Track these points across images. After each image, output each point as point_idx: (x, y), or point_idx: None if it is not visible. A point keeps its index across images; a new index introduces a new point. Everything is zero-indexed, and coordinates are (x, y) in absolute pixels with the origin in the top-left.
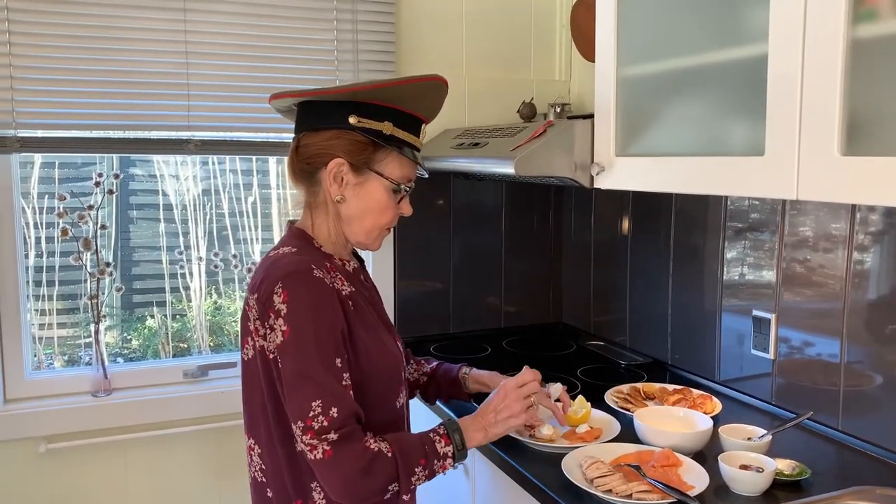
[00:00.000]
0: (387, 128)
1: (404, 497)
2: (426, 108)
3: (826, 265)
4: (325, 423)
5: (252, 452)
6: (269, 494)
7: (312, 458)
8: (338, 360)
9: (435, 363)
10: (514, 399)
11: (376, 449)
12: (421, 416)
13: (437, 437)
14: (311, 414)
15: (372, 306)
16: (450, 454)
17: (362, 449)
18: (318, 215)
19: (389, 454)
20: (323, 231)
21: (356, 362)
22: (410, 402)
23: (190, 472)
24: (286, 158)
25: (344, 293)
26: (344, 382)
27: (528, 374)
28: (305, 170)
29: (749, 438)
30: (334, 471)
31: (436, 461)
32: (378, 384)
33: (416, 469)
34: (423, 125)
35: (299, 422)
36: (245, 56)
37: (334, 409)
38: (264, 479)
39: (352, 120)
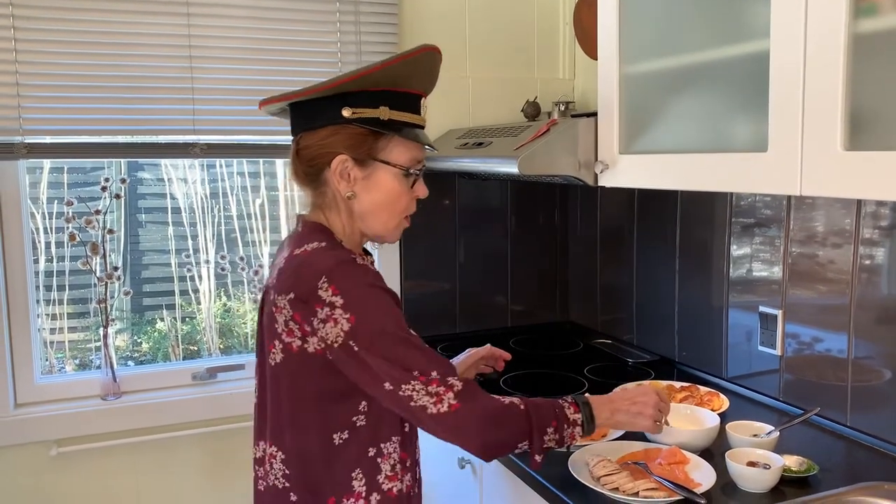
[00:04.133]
0: (383, 113)
1: (536, 458)
2: (421, 81)
3: (833, 260)
4: (440, 375)
5: (273, 460)
6: (294, 499)
7: (436, 411)
8: (411, 331)
9: None
10: (653, 404)
11: (507, 401)
12: None
13: (566, 404)
14: (419, 371)
15: None
16: (579, 422)
17: (490, 399)
18: (331, 214)
19: (522, 407)
20: (338, 229)
21: None
22: None
23: (199, 475)
24: (288, 161)
25: None
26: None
27: (669, 404)
28: (309, 172)
29: (756, 435)
30: (463, 421)
31: (566, 426)
32: None
33: (548, 429)
34: (423, 99)
35: (410, 380)
36: (249, 59)
37: (437, 368)
38: (287, 485)
39: (345, 113)
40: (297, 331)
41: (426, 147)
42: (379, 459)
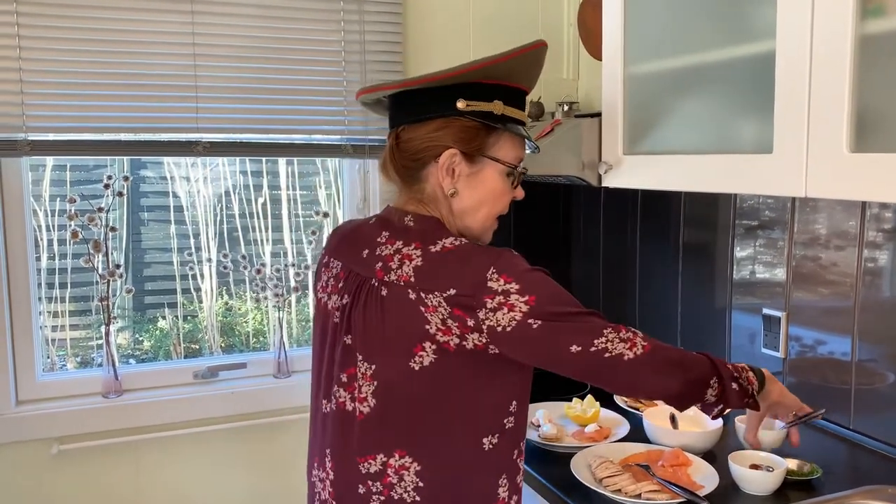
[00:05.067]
0: (497, 107)
1: (734, 386)
2: (530, 77)
3: (837, 263)
4: (621, 326)
5: (404, 472)
6: None
7: (633, 355)
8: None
9: None
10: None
11: (682, 349)
12: None
13: (725, 361)
14: (604, 327)
15: None
16: (747, 368)
17: (670, 346)
18: (433, 210)
19: (697, 354)
20: None
21: None
22: None
23: (201, 473)
24: (382, 157)
25: None
26: None
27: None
28: (410, 166)
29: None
30: (653, 363)
31: (739, 372)
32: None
33: (728, 366)
34: (527, 96)
35: (601, 335)
36: (252, 58)
37: (615, 323)
38: (418, 499)
39: (460, 104)
40: (456, 328)
41: (529, 146)
42: (519, 460)
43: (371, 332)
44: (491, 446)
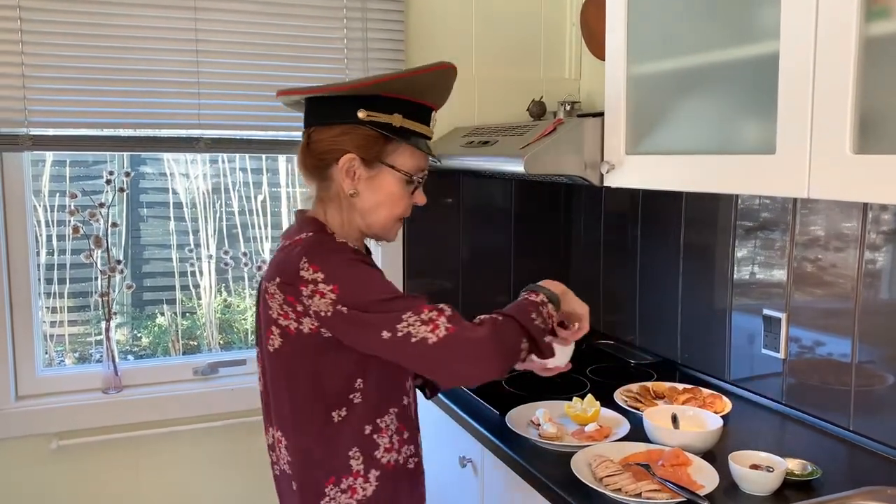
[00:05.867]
0: (396, 120)
1: (546, 339)
2: (435, 95)
3: (837, 264)
4: (428, 303)
5: (280, 445)
6: (294, 487)
7: (436, 338)
8: (397, 288)
9: None
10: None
11: (486, 317)
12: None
13: (524, 296)
14: (408, 310)
15: None
16: (546, 300)
17: (476, 323)
18: (331, 208)
19: (501, 317)
20: (336, 222)
21: None
22: None
23: (200, 469)
24: (296, 153)
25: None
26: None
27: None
28: (317, 165)
29: None
30: (463, 344)
31: (540, 307)
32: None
33: (532, 316)
34: (433, 112)
35: (403, 318)
36: (255, 54)
37: (423, 301)
38: (290, 472)
39: (360, 114)
40: (291, 313)
41: (430, 158)
42: (375, 436)
43: (257, 322)
44: (340, 419)
